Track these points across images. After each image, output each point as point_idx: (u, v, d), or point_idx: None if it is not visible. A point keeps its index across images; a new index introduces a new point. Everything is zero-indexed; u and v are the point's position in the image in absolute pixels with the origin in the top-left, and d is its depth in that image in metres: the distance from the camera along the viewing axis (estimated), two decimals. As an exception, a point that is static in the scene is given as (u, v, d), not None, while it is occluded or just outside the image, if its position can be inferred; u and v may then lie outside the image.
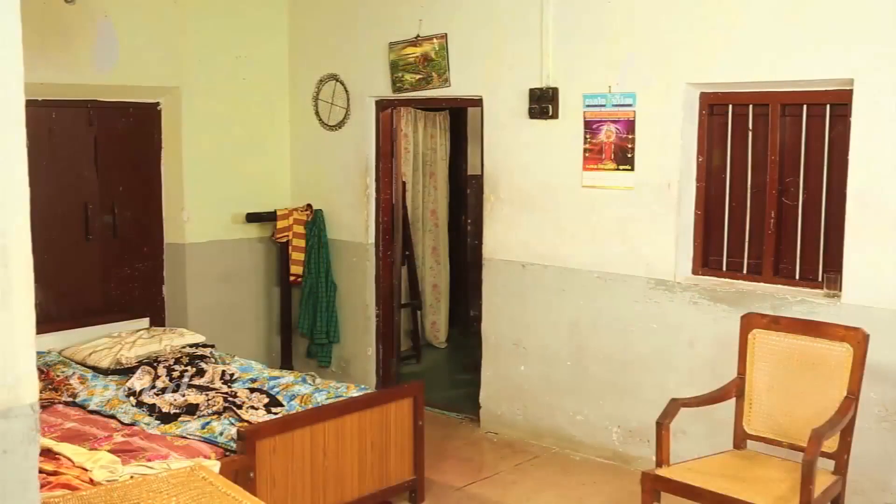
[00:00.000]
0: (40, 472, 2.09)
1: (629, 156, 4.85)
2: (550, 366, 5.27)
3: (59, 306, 5.41)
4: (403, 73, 5.74)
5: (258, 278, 6.41)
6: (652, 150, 4.78)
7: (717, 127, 4.72)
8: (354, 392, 4.47)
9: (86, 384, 4.69)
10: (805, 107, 4.41)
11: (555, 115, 5.09)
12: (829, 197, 4.38)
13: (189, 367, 4.82)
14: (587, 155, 5.00)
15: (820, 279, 4.39)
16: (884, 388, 4.05)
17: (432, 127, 7.48)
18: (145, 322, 5.74)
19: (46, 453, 3.55)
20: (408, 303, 7.12)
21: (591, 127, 4.98)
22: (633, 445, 4.95)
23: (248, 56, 6.18)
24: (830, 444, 3.58)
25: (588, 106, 4.98)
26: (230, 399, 4.30)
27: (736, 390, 3.95)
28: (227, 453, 3.79)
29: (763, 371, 3.91)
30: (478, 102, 5.51)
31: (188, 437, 3.96)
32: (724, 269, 4.73)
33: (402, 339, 6.54)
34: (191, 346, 5.21)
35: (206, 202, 6.02)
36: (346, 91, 6.12)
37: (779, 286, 4.49)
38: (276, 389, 4.52)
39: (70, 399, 4.52)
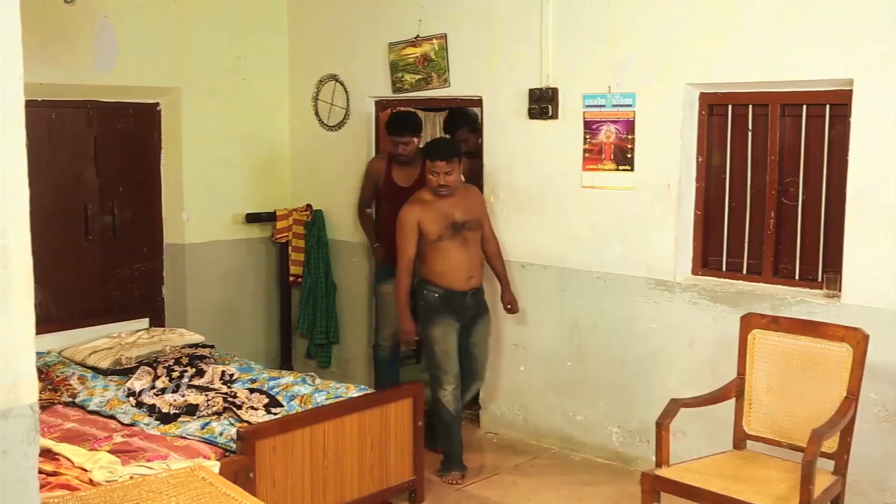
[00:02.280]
0: (40, 472, 2.09)
1: (629, 156, 4.85)
2: (550, 366, 5.26)
3: (59, 306, 5.41)
4: (403, 74, 5.74)
5: (258, 278, 6.41)
6: (652, 151, 4.78)
7: (717, 127, 4.72)
8: (354, 392, 4.47)
9: (85, 384, 4.69)
10: (805, 107, 4.41)
11: (555, 116, 5.09)
12: (828, 197, 4.38)
13: (189, 368, 4.82)
14: (587, 155, 5.00)
15: (820, 279, 4.38)
16: (884, 389, 4.05)
17: (432, 127, 7.47)
18: (145, 322, 5.73)
19: (46, 454, 3.54)
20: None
21: (590, 127, 4.98)
22: (633, 446, 4.95)
23: (248, 56, 6.18)
24: (830, 445, 3.58)
25: (588, 106, 4.98)
26: (230, 399, 4.30)
27: (736, 390, 3.95)
28: (227, 454, 3.78)
29: (763, 371, 3.91)
30: (478, 103, 5.51)
31: (188, 437, 3.96)
32: (724, 269, 4.72)
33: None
34: (191, 346, 5.21)
35: (206, 202, 6.01)
36: (346, 91, 6.12)
37: (778, 286, 4.49)
38: (275, 390, 4.52)
39: (70, 399, 4.51)
